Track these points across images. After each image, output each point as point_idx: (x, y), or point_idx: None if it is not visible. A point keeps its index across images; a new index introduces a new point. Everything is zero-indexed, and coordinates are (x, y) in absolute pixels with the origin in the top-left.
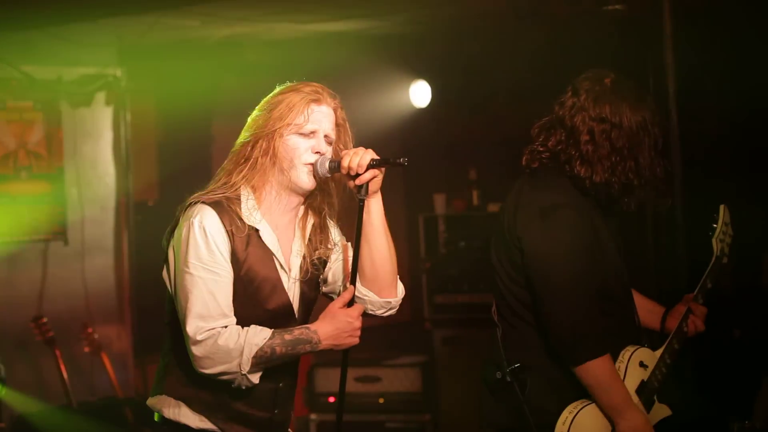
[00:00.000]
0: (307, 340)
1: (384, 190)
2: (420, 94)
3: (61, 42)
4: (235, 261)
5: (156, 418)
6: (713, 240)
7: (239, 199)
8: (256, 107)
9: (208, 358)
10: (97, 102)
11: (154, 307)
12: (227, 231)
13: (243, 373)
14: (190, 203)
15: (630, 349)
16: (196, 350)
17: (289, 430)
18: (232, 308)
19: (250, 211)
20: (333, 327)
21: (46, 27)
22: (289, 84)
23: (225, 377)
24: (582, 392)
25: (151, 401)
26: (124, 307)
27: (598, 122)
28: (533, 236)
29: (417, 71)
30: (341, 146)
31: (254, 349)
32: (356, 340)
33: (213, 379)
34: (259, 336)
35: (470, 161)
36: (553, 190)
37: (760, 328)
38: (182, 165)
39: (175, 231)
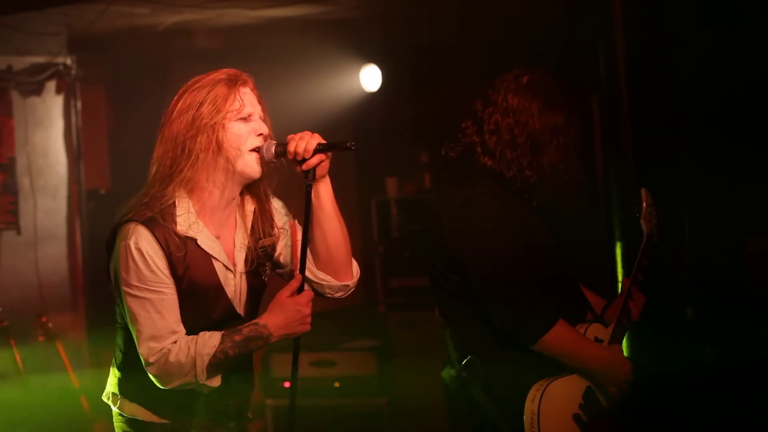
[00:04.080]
0: (258, 337)
1: (336, 174)
2: (370, 78)
3: (10, 31)
4: (175, 276)
5: (112, 411)
6: (641, 221)
7: (174, 210)
8: (170, 110)
9: (163, 376)
10: (48, 91)
11: (108, 295)
12: (163, 249)
13: (201, 382)
14: (124, 221)
15: (583, 325)
16: (150, 370)
17: (249, 414)
18: (180, 321)
19: (187, 220)
20: (283, 317)
21: None
22: (196, 78)
23: (187, 387)
24: (541, 371)
25: (106, 397)
26: (77, 295)
27: (503, 115)
28: (458, 231)
29: (367, 55)
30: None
31: (206, 359)
32: (308, 327)
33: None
34: (208, 345)
35: (421, 144)
36: (468, 183)
37: (714, 309)
38: (133, 153)
39: (113, 250)
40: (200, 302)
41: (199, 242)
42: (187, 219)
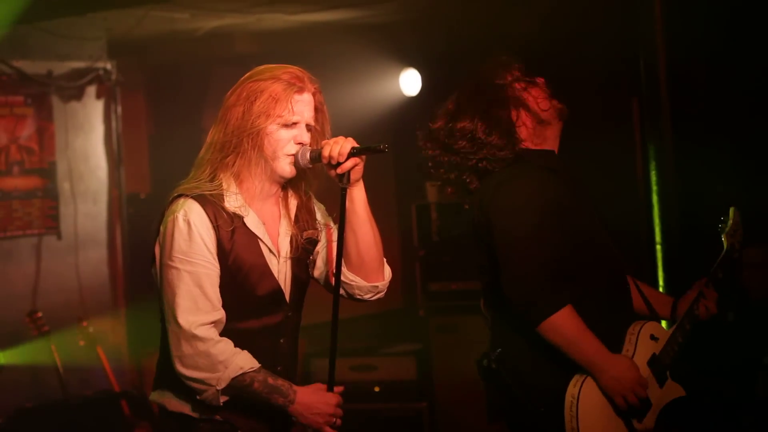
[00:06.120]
0: (284, 394)
1: (375, 179)
2: (410, 82)
3: (51, 36)
4: (222, 252)
5: (158, 411)
6: (723, 236)
7: (223, 190)
8: (230, 94)
9: (191, 357)
10: (88, 96)
11: (148, 299)
12: (212, 223)
13: (218, 388)
14: (174, 197)
15: (639, 322)
16: (186, 345)
17: (293, 418)
18: (220, 300)
19: (235, 200)
20: (314, 399)
21: (35, 22)
22: (264, 67)
23: (197, 385)
24: (575, 366)
25: (154, 396)
26: (118, 300)
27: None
28: (492, 207)
29: (406, 60)
30: (318, 128)
31: (237, 372)
32: (321, 424)
33: (184, 382)
34: (247, 363)
35: None
36: (511, 168)
37: (753, 312)
38: (174, 157)
39: (160, 226)
40: (245, 279)
41: (246, 221)
42: (235, 200)
